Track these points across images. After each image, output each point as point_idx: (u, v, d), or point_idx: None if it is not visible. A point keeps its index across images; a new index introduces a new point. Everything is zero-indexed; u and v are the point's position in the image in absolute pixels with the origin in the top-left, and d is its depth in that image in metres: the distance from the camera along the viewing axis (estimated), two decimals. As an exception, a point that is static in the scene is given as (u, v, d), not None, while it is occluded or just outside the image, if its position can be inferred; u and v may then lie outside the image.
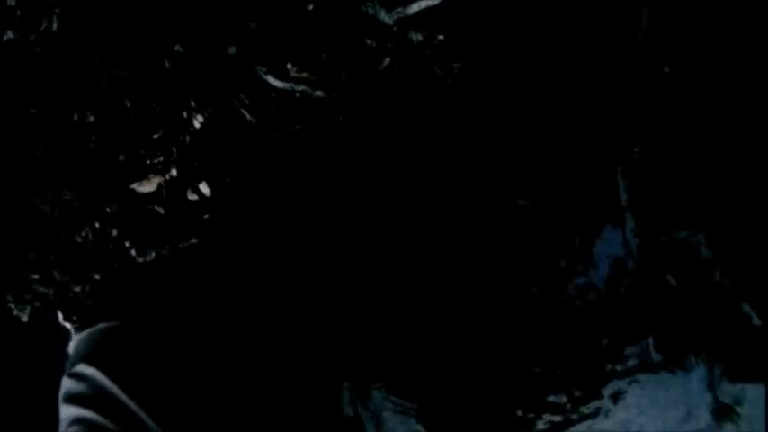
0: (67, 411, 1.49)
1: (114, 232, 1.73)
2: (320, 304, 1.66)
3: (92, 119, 1.71)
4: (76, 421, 1.47)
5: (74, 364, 1.59)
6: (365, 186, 1.64)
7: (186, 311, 1.69)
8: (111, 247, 1.77)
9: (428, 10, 1.63)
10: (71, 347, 1.78)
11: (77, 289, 1.87)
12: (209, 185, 1.64)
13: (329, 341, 1.68)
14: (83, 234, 1.80)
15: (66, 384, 1.56)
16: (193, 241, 1.64)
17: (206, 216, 1.64)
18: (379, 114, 1.61)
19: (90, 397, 1.52)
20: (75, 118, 1.72)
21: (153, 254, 1.67)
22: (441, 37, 1.64)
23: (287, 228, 1.65)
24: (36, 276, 1.87)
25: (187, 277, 1.70)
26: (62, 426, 1.54)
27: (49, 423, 1.66)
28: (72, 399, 1.51)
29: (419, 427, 1.68)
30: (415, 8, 1.62)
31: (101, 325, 1.65)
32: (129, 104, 1.63)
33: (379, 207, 1.66)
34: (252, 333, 1.65)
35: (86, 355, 1.58)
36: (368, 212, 1.63)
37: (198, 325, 1.68)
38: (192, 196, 1.65)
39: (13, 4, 1.64)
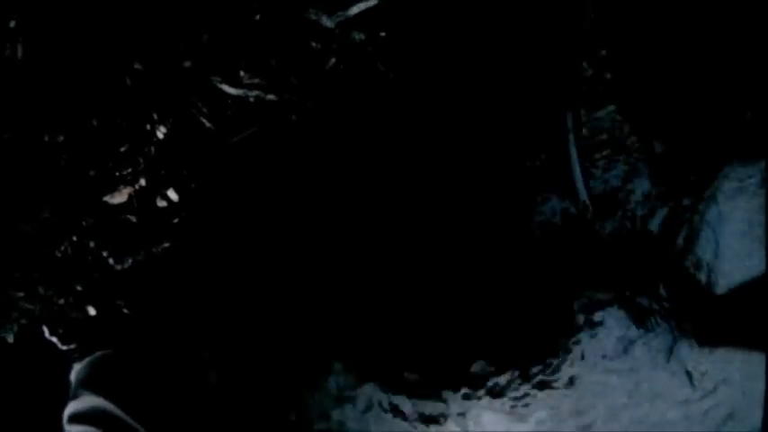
0: (75, 429, 1.59)
1: (92, 244, 1.82)
2: (292, 293, 1.76)
3: (61, 138, 1.79)
4: None
5: (75, 390, 1.68)
6: (323, 180, 1.74)
7: (170, 322, 1.78)
8: (89, 258, 1.85)
9: (368, 11, 1.74)
10: (72, 375, 1.86)
11: (61, 301, 1.95)
12: (177, 191, 1.73)
13: (309, 327, 1.77)
14: (62, 248, 1.88)
15: (70, 408, 1.66)
16: (166, 245, 1.73)
17: (176, 220, 1.73)
18: (329, 112, 1.72)
19: (92, 416, 1.62)
20: (46, 139, 1.81)
21: (129, 261, 1.76)
22: (382, 34, 1.75)
23: (254, 224, 1.75)
24: (21, 294, 1.94)
25: (166, 285, 1.79)
26: None
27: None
28: (76, 419, 1.61)
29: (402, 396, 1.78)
30: (355, 10, 1.73)
31: (97, 353, 1.74)
32: (95, 122, 1.72)
33: (338, 198, 1.76)
34: (234, 331, 1.75)
35: (86, 381, 1.68)
36: (329, 205, 1.73)
37: (182, 334, 1.78)
38: (162, 203, 1.74)
39: (-22, 34, 1.72)
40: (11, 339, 2.01)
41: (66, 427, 1.66)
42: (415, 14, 1.72)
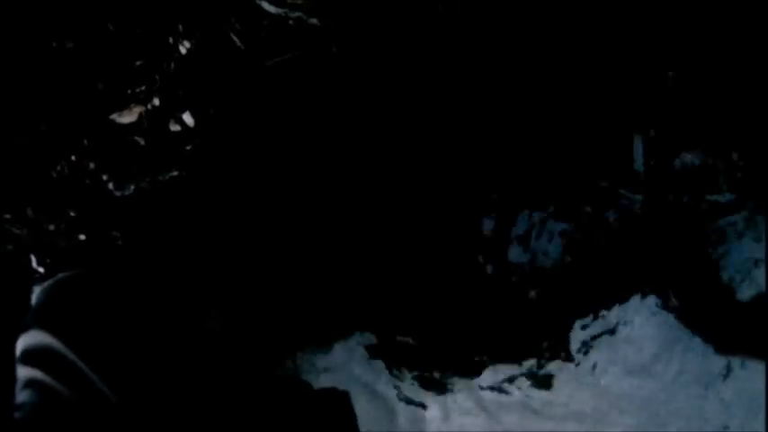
0: (23, 372, 1.41)
1: (92, 165, 1.64)
2: (307, 247, 1.60)
3: (71, 45, 1.61)
4: (30, 383, 1.39)
5: (31, 317, 1.50)
6: (356, 126, 1.56)
7: (166, 258, 1.61)
8: (87, 181, 1.68)
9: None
10: (33, 298, 1.68)
11: (52, 227, 1.79)
12: (193, 115, 1.55)
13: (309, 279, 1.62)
14: (58, 168, 1.71)
15: (22, 344, 1.48)
16: (174, 174, 1.55)
17: (188, 147, 1.55)
18: (376, 47, 1.53)
19: (43, 359, 1.43)
20: (54, 45, 1.62)
21: (132, 187, 1.58)
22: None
23: (275, 160, 1.57)
24: (8, 216, 1.78)
25: (169, 218, 1.62)
26: (18, 386, 1.47)
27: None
28: (26, 359, 1.43)
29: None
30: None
31: (61, 275, 1.55)
32: (111, 28, 1.53)
33: (370, 151, 1.58)
34: (240, 278, 1.58)
35: (41, 310, 1.49)
36: (359, 154, 1.55)
37: (176, 273, 1.60)
38: (175, 127, 1.56)
39: None
40: (-9, 265, 1.85)
41: (19, 366, 1.46)
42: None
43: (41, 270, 1.88)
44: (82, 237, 1.75)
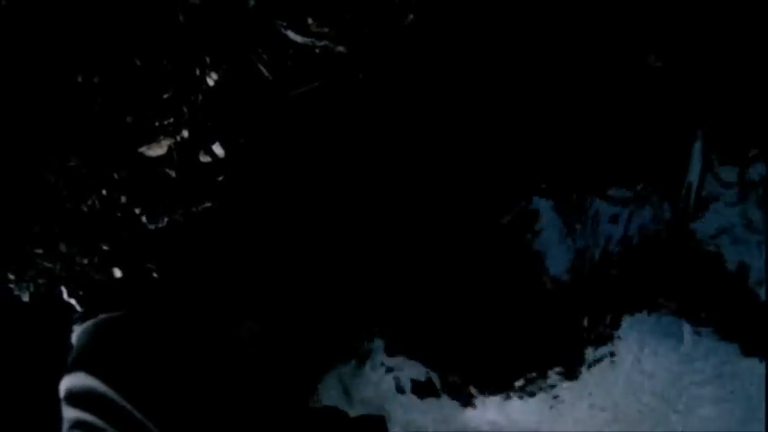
0: (69, 413, 1.42)
1: (123, 199, 1.65)
2: (336, 272, 1.59)
3: (97, 79, 1.62)
4: (77, 425, 1.41)
5: (74, 359, 1.50)
6: (383, 149, 1.57)
7: (202, 289, 1.61)
8: (119, 214, 1.69)
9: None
10: (73, 338, 1.70)
11: (85, 261, 1.80)
12: (223, 146, 1.56)
13: (345, 306, 1.62)
14: (89, 203, 1.72)
15: (67, 384, 1.49)
16: (207, 205, 1.56)
17: (220, 178, 1.56)
18: (402, 73, 1.53)
19: (90, 400, 1.45)
20: (80, 79, 1.64)
21: (165, 220, 1.59)
22: (465, -7, 1.56)
23: (306, 188, 1.57)
24: (40, 250, 1.79)
25: (204, 248, 1.63)
26: (65, 425, 1.48)
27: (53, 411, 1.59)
28: (73, 400, 1.44)
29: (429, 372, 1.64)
30: (438, -41, 1.54)
31: (102, 316, 1.56)
32: (138, 62, 1.54)
33: (397, 172, 1.58)
34: (277, 306, 1.58)
35: (84, 352, 1.50)
36: (389, 174, 1.55)
37: (215, 304, 1.60)
38: (205, 158, 1.57)
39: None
40: (26, 298, 1.87)
41: (65, 407, 1.48)
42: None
43: (73, 302, 1.89)
44: (116, 270, 1.76)
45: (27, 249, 1.82)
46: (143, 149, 1.62)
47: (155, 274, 1.63)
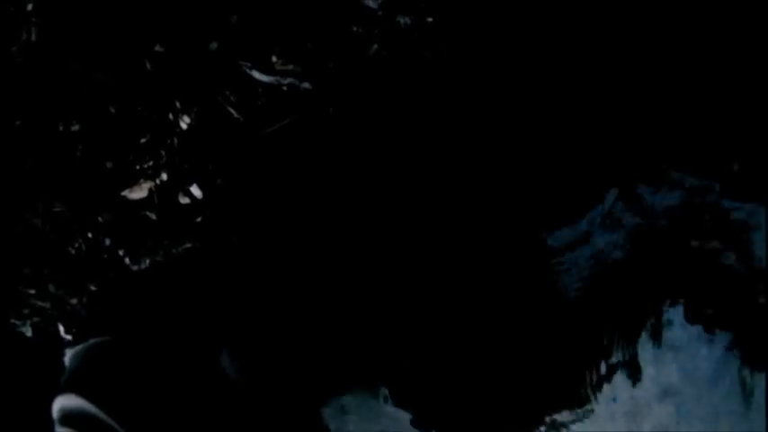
0: (61, 431, 1.48)
1: (107, 241, 1.69)
2: (321, 306, 1.62)
3: (76, 127, 1.66)
4: None
5: (66, 381, 1.56)
6: (359, 180, 1.59)
7: (179, 322, 1.65)
8: (105, 256, 1.73)
9: (414, -9, 1.58)
10: (66, 361, 1.75)
11: (74, 301, 1.84)
12: (201, 188, 1.59)
13: (331, 344, 1.64)
14: (76, 245, 1.76)
15: (60, 404, 1.54)
16: (188, 246, 1.60)
17: (199, 219, 1.59)
18: (370, 104, 1.56)
19: (81, 420, 1.50)
20: (61, 128, 1.68)
21: (147, 261, 1.62)
22: (430, 19, 1.59)
23: (283, 226, 1.61)
24: (32, 291, 1.84)
25: (181, 284, 1.66)
26: None
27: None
28: (65, 420, 1.50)
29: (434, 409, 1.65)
30: (400, -11, 1.57)
31: (92, 341, 1.61)
32: (112, 110, 1.58)
33: (374, 202, 1.61)
34: (251, 343, 1.62)
35: (77, 374, 1.55)
36: (364, 208, 1.58)
37: (190, 337, 1.64)
38: (184, 200, 1.60)
39: (-8, 16, 1.60)
40: (29, 333, 1.92)
41: (56, 423, 1.54)
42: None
43: (69, 338, 1.94)
44: (103, 309, 1.80)
45: (20, 290, 1.86)
46: (125, 193, 1.66)
47: (139, 312, 1.67)
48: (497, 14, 1.58)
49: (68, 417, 1.49)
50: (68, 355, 1.72)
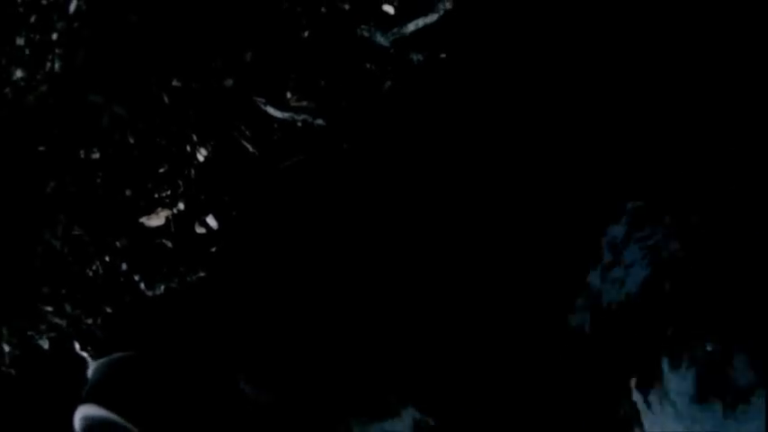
0: None
1: (124, 266, 1.74)
2: (327, 334, 1.66)
3: (97, 155, 1.71)
4: None
5: (89, 392, 1.61)
6: (373, 214, 1.63)
7: (195, 343, 1.69)
8: (121, 280, 1.78)
9: (426, 28, 1.62)
10: (89, 373, 1.80)
11: (89, 321, 1.89)
12: (216, 218, 1.63)
13: (338, 362, 1.68)
14: (93, 268, 1.81)
15: (82, 413, 1.59)
16: (201, 274, 1.64)
17: (213, 249, 1.64)
18: (385, 139, 1.60)
19: (103, 427, 1.55)
20: (82, 155, 1.73)
21: (162, 287, 1.67)
22: (443, 55, 1.62)
23: (295, 259, 1.64)
24: (50, 308, 1.89)
25: (197, 309, 1.71)
26: None
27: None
28: (87, 428, 1.54)
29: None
30: (411, 27, 1.60)
31: (116, 355, 1.66)
32: (132, 140, 1.63)
33: (388, 236, 1.64)
34: (260, 362, 1.65)
35: (99, 386, 1.60)
36: (378, 242, 1.61)
37: (205, 356, 1.68)
38: (200, 229, 1.65)
39: (22, 43, 1.66)
40: (46, 346, 1.97)
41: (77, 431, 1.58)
42: (482, 33, 1.59)
43: (84, 355, 1.98)
44: (126, 326, 1.85)
45: (38, 307, 1.91)
46: (143, 220, 1.71)
47: (153, 336, 1.71)
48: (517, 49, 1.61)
49: (92, 425, 1.54)
50: (91, 368, 1.78)
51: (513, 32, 1.66)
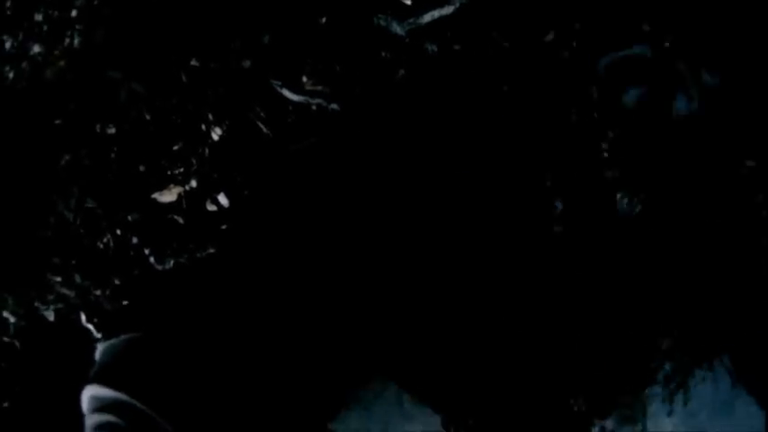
0: (93, 419, 1.55)
1: (135, 240, 1.77)
2: (334, 310, 1.69)
3: (113, 130, 1.74)
4: (102, 426, 1.52)
5: (97, 372, 1.63)
6: (381, 198, 1.66)
7: (203, 321, 1.72)
8: (131, 253, 1.81)
9: (441, 19, 1.64)
10: (97, 355, 1.83)
11: (98, 292, 1.92)
12: (228, 196, 1.67)
13: (344, 341, 1.71)
14: (104, 240, 1.84)
15: (91, 393, 1.61)
16: (211, 251, 1.67)
17: (224, 226, 1.67)
18: (395, 127, 1.63)
19: (113, 407, 1.57)
20: (98, 129, 1.76)
21: (171, 262, 1.70)
22: (457, 47, 1.65)
23: (303, 239, 1.68)
24: (59, 279, 1.92)
25: (204, 286, 1.74)
26: (87, 430, 1.59)
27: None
28: (97, 408, 1.56)
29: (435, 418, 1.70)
30: (428, 18, 1.63)
31: (123, 336, 1.69)
32: (148, 117, 1.66)
33: (394, 220, 1.67)
34: (266, 339, 1.68)
35: (108, 367, 1.63)
36: (384, 225, 1.64)
37: (213, 334, 1.72)
38: (211, 207, 1.68)
39: (40, 18, 1.68)
40: (51, 318, 2.00)
41: (87, 412, 1.60)
42: (496, 25, 1.62)
43: (90, 327, 2.02)
44: (125, 303, 1.89)
45: (47, 277, 1.94)
46: (155, 195, 1.74)
47: (161, 310, 1.75)
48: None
49: (101, 404, 1.56)
50: (99, 349, 1.81)
51: (525, 29, 1.69)
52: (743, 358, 1.66)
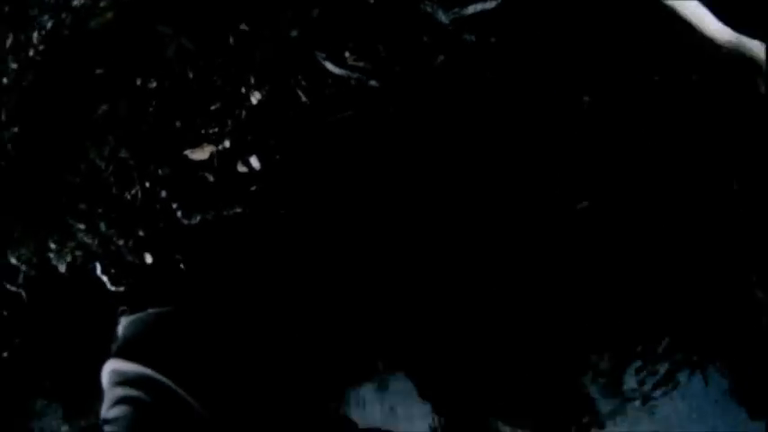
0: (115, 392, 1.54)
1: (163, 193, 1.82)
2: (354, 292, 1.73)
3: (153, 84, 1.79)
4: (124, 400, 1.52)
5: (121, 347, 1.64)
6: (407, 177, 1.70)
7: (229, 294, 1.75)
8: (158, 206, 1.85)
9: (483, 13, 1.69)
10: (119, 330, 1.84)
11: (121, 242, 1.96)
12: (260, 159, 1.71)
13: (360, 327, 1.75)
14: (132, 192, 1.88)
15: (113, 367, 1.62)
16: (238, 210, 1.72)
17: (253, 188, 1.72)
18: (429, 109, 1.67)
19: (136, 381, 1.56)
20: (138, 83, 1.80)
21: (198, 217, 1.75)
22: (493, 39, 1.70)
23: (332, 210, 1.72)
24: (82, 226, 1.96)
25: (229, 249, 1.78)
26: (108, 405, 1.59)
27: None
28: (119, 382, 1.56)
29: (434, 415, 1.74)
30: (470, 10, 1.68)
31: (150, 310, 1.71)
32: (191, 75, 1.71)
33: (423, 205, 1.71)
34: (287, 312, 1.72)
35: (134, 342, 1.63)
36: (413, 209, 1.68)
37: (239, 308, 1.74)
38: (242, 168, 1.73)
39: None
40: (63, 269, 2.02)
41: (107, 386, 1.60)
42: (533, 23, 1.67)
43: (105, 278, 2.06)
44: (148, 256, 1.93)
45: (71, 223, 1.98)
46: (188, 152, 1.79)
47: (181, 266, 1.80)
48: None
49: (124, 379, 1.55)
50: (122, 324, 1.83)
51: (559, 31, 1.73)
52: (735, 364, 1.70)
